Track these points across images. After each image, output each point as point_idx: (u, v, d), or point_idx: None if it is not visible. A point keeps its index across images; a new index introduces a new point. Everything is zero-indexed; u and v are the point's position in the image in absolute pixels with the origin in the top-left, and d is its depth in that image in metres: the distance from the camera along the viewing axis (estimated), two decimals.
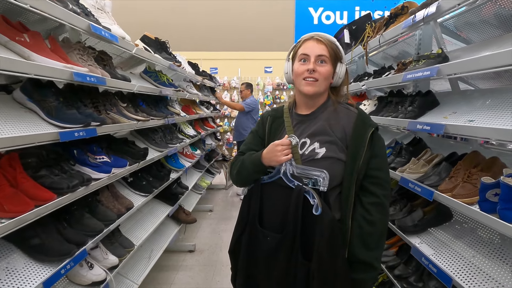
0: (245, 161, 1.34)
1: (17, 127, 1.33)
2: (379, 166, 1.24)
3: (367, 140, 1.21)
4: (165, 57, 3.04)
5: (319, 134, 1.27)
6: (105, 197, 2.02)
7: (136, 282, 2.34)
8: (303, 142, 1.28)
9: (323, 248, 1.14)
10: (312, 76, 1.25)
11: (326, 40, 1.27)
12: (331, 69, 1.28)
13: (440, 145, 2.04)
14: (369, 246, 1.21)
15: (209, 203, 4.97)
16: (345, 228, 1.23)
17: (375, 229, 1.21)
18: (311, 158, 1.25)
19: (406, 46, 2.68)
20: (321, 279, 1.15)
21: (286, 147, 1.22)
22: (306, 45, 1.29)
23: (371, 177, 1.23)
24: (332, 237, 1.15)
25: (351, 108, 1.33)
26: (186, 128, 3.94)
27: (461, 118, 1.47)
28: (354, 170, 1.21)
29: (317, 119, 1.31)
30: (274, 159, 1.23)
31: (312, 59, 1.25)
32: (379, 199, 1.22)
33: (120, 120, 2.04)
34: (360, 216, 1.22)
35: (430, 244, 1.64)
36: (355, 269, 1.22)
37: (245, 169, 1.33)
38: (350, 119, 1.28)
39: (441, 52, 1.63)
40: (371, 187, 1.23)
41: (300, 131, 1.31)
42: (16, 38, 1.37)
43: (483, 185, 1.16)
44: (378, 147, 1.25)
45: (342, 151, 1.24)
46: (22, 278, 1.33)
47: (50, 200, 1.36)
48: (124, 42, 2.15)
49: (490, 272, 1.35)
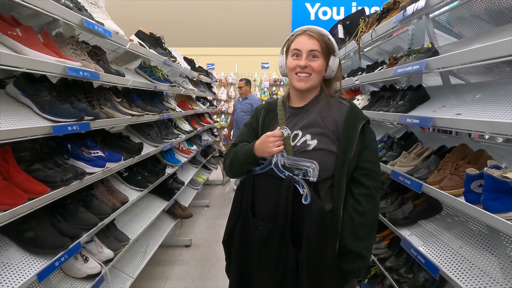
0: (237, 152, 1.37)
1: (10, 121, 1.34)
2: (369, 158, 1.26)
3: (358, 133, 1.23)
4: (160, 53, 3.05)
5: (311, 126, 1.29)
6: (99, 191, 2.03)
7: (132, 276, 2.37)
8: (295, 134, 1.30)
9: (312, 237, 1.16)
10: (304, 71, 1.28)
11: (318, 35, 1.29)
12: (324, 63, 1.30)
13: (432, 139, 2.06)
14: (359, 237, 1.23)
15: (206, 199, 4.99)
16: (336, 219, 1.25)
17: (365, 220, 1.23)
18: (302, 149, 1.27)
19: (400, 41, 2.69)
20: (309, 268, 1.17)
21: (278, 139, 1.24)
22: (298, 40, 1.30)
23: (361, 169, 1.25)
24: (321, 226, 1.17)
25: (343, 101, 1.35)
26: (182, 123, 3.95)
27: (449, 112, 1.49)
28: (345, 162, 1.23)
29: (309, 111, 1.33)
30: (266, 150, 1.26)
31: (304, 55, 1.27)
32: (369, 190, 1.24)
33: (114, 115, 2.05)
34: (351, 207, 1.24)
35: (420, 236, 1.67)
36: (346, 259, 1.24)
37: (237, 160, 1.36)
38: (342, 112, 1.29)
39: (431, 46, 1.65)
40: (362, 179, 1.25)
41: (292, 124, 1.34)
42: (8, 33, 1.37)
43: (468, 177, 1.19)
44: (368, 139, 1.27)
45: (334, 143, 1.25)
46: (16, 270, 1.35)
47: (43, 193, 1.37)
48: (118, 37, 2.15)
49: (476, 262, 1.38)
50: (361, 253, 1.23)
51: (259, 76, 7.50)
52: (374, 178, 1.26)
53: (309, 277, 1.18)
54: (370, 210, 1.23)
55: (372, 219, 1.26)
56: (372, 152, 1.29)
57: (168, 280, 2.87)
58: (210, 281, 2.86)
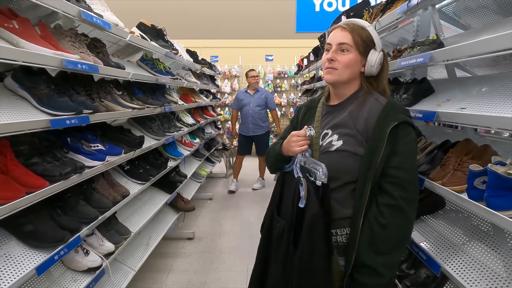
0: (271, 150, 1.43)
1: (8, 114, 1.33)
2: (399, 165, 1.13)
3: (387, 135, 1.12)
4: (162, 45, 3.02)
5: (340, 126, 1.25)
6: (100, 185, 2.03)
7: (134, 268, 2.38)
8: (325, 133, 1.28)
9: (304, 241, 1.15)
10: (330, 66, 1.24)
11: (352, 27, 1.22)
12: (356, 57, 1.23)
13: (436, 134, 2.02)
14: (378, 251, 1.13)
15: (209, 192, 5.00)
16: (355, 227, 1.17)
17: (387, 233, 1.12)
18: (326, 150, 1.24)
19: (406, 33, 2.63)
20: (299, 270, 1.16)
21: (301, 138, 1.24)
22: (331, 34, 1.27)
23: (388, 176, 1.14)
24: (312, 232, 1.13)
25: (381, 98, 1.24)
26: (184, 116, 3.94)
27: (454, 106, 1.46)
28: (371, 167, 1.13)
29: (343, 110, 1.28)
30: (290, 149, 1.27)
31: (333, 48, 1.24)
32: (395, 201, 1.12)
33: (115, 108, 2.04)
34: (372, 216, 1.15)
35: (422, 232, 1.65)
36: (360, 271, 1.16)
37: (270, 157, 1.43)
38: (375, 111, 1.20)
39: (436, 38, 1.60)
40: (388, 187, 1.14)
41: (326, 122, 1.31)
42: (5, 25, 1.36)
43: (471, 173, 1.16)
44: (401, 144, 1.14)
45: (361, 145, 1.18)
46: (16, 263, 1.35)
47: (41, 187, 1.37)
48: (118, 29, 2.13)
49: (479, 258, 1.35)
50: (377, 269, 1.12)
51: (263, 69, 7.44)
52: (405, 188, 1.13)
53: (298, 279, 1.16)
54: (393, 223, 1.12)
55: (397, 234, 1.14)
56: (405, 159, 1.15)
57: (171, 272, 2.89)
58: (212, 273, 2.88)
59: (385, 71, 1.28)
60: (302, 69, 5.90)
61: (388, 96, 1.27)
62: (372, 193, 1.16)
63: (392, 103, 1.23)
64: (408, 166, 1.15)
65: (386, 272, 1.14)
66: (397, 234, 1.14)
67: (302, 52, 6.49)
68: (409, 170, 1.15)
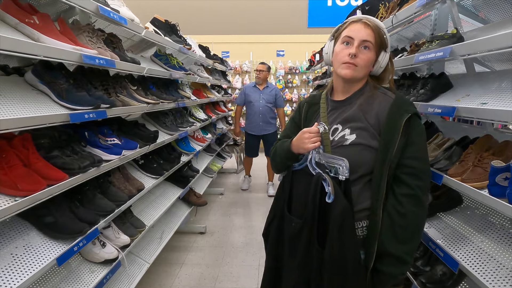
0: (278, 148, 1.39)
1: (29, 108, 1.36)
2: (414, 155, 1.17)
3: (401, 127, 1.15)
4: (175, 40, 3.03)
5: (351, 120, 1.24)
6: (116, 179, 2.06)
7: (148, 261, 2.42)
8: (335, 128, 1.27)
9: (334, 236, 1.13)
10: (352, 61, 1.21)
11: (375, 26, 1.22)
12: (374, 57, 1.23)
13: (453, 129, 1.99)
14: (399, 239, 1.16)
15: (220, 187, 5.02)
16: (375, 218, 1.19)
17: (407, 221, 1.15)
18: (339, 144, 1.24)
19: (422, 27, 2.59)
20: (331, 267, 1.14)
21: (314, 135, 1.22)
22: (352, 27, 1.23)
23: (405, 167, 1.17)
24: (343, 226, 1.13)
25: (389, 93, 1.26)
26: (197, 112, 3.96)
27: (474, 101, 1.43)
28: (386, 158, 1.16)
29: (351, 105, 1.28)
30: (302, 147, 1.25)
31: (356, 43, 1.20)
32: (413, 190, 1.16)
33: (130, 103, 2.06)
34: (391, 207, 1.18)
35: (438, 229, 1.63)
36: (384, 261, 1.18)
37: (278, 156, 1.38)
38: (385, 104, 1.22)
39: (456, 32, 1.57)
40: (404, 177, 1.17)
41: (333, 117, 1.30)
42: (26, 20, 1.38)
43: (493, 169, 1.14)
44: (414, 135, 1.18)
45: (374, 138, 1.20)
46: (37, 254, 1.39)
47: (62, 180, 1.40)
48: (133, 25, 2.14)
49: (498, 257, 1.34)
50: (401, 257, 1.16)
51: (274, 64, 7.40)
52: (420, 177, 1.17)
53: (330, 277, 1.15)
54: (412, 211, 1.15)
55: (416, 222, 1.17)
56: (419, 149, 1.19)
57: (183, 265, 2.92)
58: (224, 267, 2.90)
59: (388, 72, 1.30)
60: (314, 64, 5.85)
61: (395, 91, 1.29)
62: (388, 185, 1.18)
63: (401, 97, 1.25)
64: (422, 156, 1.19)
65: (410, 259, 1.18)
66: (416, 221, 1.18)
67: (314, 48, 6.44)
68: (423, 159, 1.19)
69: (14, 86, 1.44)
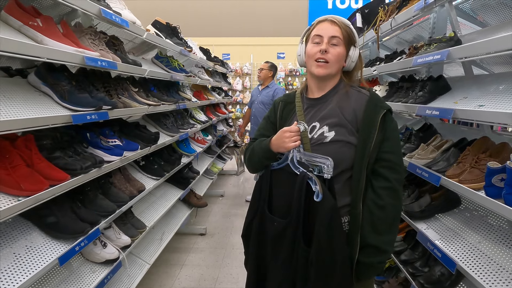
0: (255, 148, 1.37)
1: (32, 109, 1.38)
2: (391, 149, 1.22)
3: (378, 123, 1.19)
4: (176, 42, 3.05)
5: (329, 117, 1.26)
6: (117, 180, 2.08)
7: (148, 262, 2.43)
8: (313, 126, 1.28)
9: (322, 235, 1.14)
10: (323, 57, 1.25)
11: (340, 23, 1.27)
12: (344, 52, 1.27)
13: (451, 132, 2.01)
14: (379, 231, 1.20)
15: (221, 188, 5.04)
16: (356, 212, 1.22)
17: (386, 214, 1.19)
18: (319, 142, 1.25)
19: (421, 30, 2.61)
20: (318, 266, 1.15)
21: (294, 134, 1.23)
22: (319, 27, 1.29)
23: (382, 161, 1.21)
24: (331, 225, 1.14)
25: (363, 90, 1.30)
26: (197, 113, 3.98)
27: (471, 103, 1.45)
28: (365, 154, 1.19)
29: (327, 102, 1.30)
30: (282, 146, 1.24)
31: (325, 40, 1.25)
32: (390, 183, 1.20)
33: (132, 105, 2.08)
34: (370, 200, 1.21)
35: (437, 230, 1.64)
36: (365, 252, 1.21)
37: (255, 155, 1.36)
38: (361, 101, 1.26)
39: (453, 35, 1.59)
40: (383, 171, 1.21)
41: (310, 115, 1.32)
42: (29, 23, 1.40)
43: (489, 170, 1.15)
44: (390, 130, 1.23)
45: (352, 134, 1.23)
46: (39, 253, 1.40)
47: (64, 180, 1.41)
48: (135, 27, 2.16)
49: (495, 257, 1.35)
50: (380, 247, 1.20)
51: None
52: (396, 170, 1.21)
53: (318, 276, 1.16)
54: (390, 204, 1.19)
55: (393, 214, 1.22)
56: (394, 143, 1.24)
57: (184, 267, 2.93)
58: (224, 268, 2.91)
59: (358, 67, 1.35)
60: None
61: (369, 88, 1.34)
62: (367, 179, 1.22)
63: (375, 95, 1.30)
64: (397, 150, 1.25)
65: (390, 248, 1.23)
66: (394, 213, 1.22)
67: None
68: (398, 153, 1.25)
69: (17, 87, 1.46)
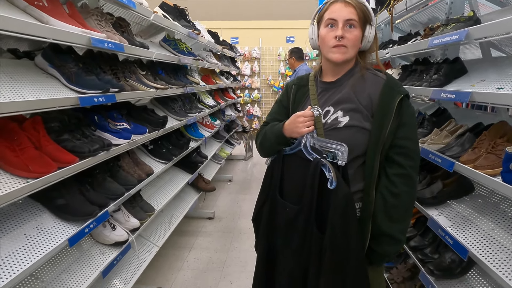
0: (267, 132, 1.33)
1: (39, 91, 1.37)
2: (406, 136, 1.17)
3: (394, 108, 1.14)
4: (184, 25, 3.00)
5: (343, 102, 1.21)
6: (126, 163, 2.08)
7: (157, 245, 2.46)
8: (327, 110, 1.24)
9: (336, 222, 1.11)
10: (341, 43, 1.17)
11: (355, 1, 1.18)
12: (360, 34, 1.19)
13: (466, 116, 1.95)
14: (393, 219, 1.17)
15: (229, 173, 5.05)
16: (368, 199, 1.19)
17: (400, 201, 1.16)
18: (333, 127, 1.21)
19: (437, 11, 2.51)
20: (332, 253, 1.13)
21: (308, 119, 1.18)
22: (333, 9, 1.19)
23: (397, 147, 1.17)
24: (345, 212, 1.12)
25: (380, 74, 1.25)
26: (205, 98, 3.95)
27: (489, 86, 1.39)
28: (379, 140, 1.15)
29: (342, 86, 1.25)
30: (296, 131, 1.21)
31: (340, 24, 1.16)
32: (405, 170, 1.16)
33: (139, 88, 2.06)
34: (384, 187, 1.18)
35: (448, 216, 1.61)
36: (379, 241, 1.19)
37: (267, 140, 1.32)
38: (377, 85, 1.20)
39: (472, 15, 1.52)
40: (397, 158, 1.16)
41: (324, 99, 1.27)
42: (35, 3, 1.37)
43: (507, 155, 1.11)
44: (406, 116, 1.17)
45: (367, 120, 1.18)
46: (50, 235, 1.42)
47: (72, 162, 1.41)
48: (142, 8, 2.12)
49: (509, 245, 1.32)
50: (395, 236, 1.18)
51: (284, 50, 7.32)
52: (412, 157, 1.17)
53: (331, 262, 1.13)
54: (405, 191, 1.16)
55: (408, 201, 1.18)
56: (410, 129, 1.19)
57: (192, 250, 2.97)
58: (232, 252, 2.94)
59: (375, 46, 1.27)
60: None
61: (385, 72, 1.28)
62: (381, 166, 1.19)
63: (392, 78, 1.24)
64: (413, 136, 1.20)
65: (403, 237, 1.21)
66: (408, 201, 1.19)
67: None
68: (414, 140, 1.20)
69: (24, 69, 1.45)
